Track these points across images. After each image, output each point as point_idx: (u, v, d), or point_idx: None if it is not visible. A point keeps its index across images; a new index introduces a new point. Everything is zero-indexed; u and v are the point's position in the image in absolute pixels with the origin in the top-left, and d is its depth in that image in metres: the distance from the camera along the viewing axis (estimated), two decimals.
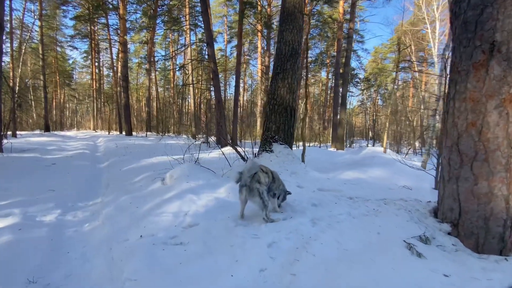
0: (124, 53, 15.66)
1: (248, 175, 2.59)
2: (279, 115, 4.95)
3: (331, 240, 2.15)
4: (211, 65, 10.81)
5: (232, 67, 32.74)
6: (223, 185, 3.85)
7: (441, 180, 2.33)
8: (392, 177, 4.86)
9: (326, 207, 2.95)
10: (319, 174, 4.77)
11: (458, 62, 2.17)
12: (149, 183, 4.24)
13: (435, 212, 2.44)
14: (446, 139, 2.27)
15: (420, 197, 3.62)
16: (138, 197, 3.62)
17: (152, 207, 3.13)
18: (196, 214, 2.84)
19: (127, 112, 15.59)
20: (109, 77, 33.24)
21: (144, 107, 29.82)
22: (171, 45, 28.70)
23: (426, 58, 26.28)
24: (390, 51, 33.98)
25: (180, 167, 4.33)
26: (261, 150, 5.02)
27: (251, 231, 2.40)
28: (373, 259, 1.81)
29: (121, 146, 9.96)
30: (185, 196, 3.32)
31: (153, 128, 22.66)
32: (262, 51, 21.44)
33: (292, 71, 5.04)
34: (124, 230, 2.74)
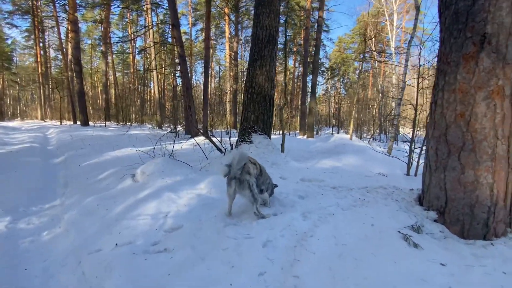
0: (75, 33, 13.88)
1: (238, 167, 2.41)
2: (258, 104, 4.77)
3: (327, 235, 2.09)
4: (178, 49, 10.09)
5: (197, 52, 31.28)
6: (203, 180, 3.60)
7: (426, 170, 2.39)
8: (365, 164, 5.03)
9: (314, 199, 2.90)
10: (298, 164, 4.75)
11: (448, 53, 2.18)
12: (117, 180, 3.82)
13: (420, 200, 2.52)
14: (433, 129, 2.31)
15: (397, 183, 3.77)
16: (107, 197, 3.22)
17: (125, 209, 2.80)
18: (178, 214, 2.59)
19: (82, 99, 14.04)
20: (57, 60, 29.63)
21: (101, 94, 27.33)
22: (129, 26, 26.31)
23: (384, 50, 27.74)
24: (352, 41, 35.30)
25: (153, 161, 3.96)
26: (240, 141, 4.82)
27: (242, 230, 2.24)
28: (374, 254, 1.79)
29: (77, 138, 8.96)
30: (163, 194, 3.03)
31: (113, 117, 20.91)
32: (229, 36, 20.70)
33: (270, 58, 4.85)
34: (94, 238, 2.39)
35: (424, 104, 5.30)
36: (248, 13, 20.70)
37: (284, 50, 6.90)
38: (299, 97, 25.92)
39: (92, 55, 30.44)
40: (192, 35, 28.88)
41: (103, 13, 18.70)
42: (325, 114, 39.46)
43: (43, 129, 14.09)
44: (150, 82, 32.73)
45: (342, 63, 35.73)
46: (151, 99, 29.15)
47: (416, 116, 4.30)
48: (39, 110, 27.00)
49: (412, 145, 4.32)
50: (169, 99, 27.50)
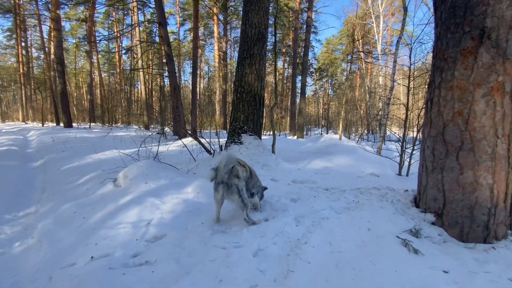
0: (57, 31, 13.31)
1: (225, 171, 2.25)
2: (247, 104, 4.61)
3: (322, 241, 1.96)
4: (165, 48, 9.81)
5: (185, 52, 30.86)
6: (190, 184, 3.41)
7: (423, 170, 2.30)
8: (357, 165, 4.96)
9: (306, 202, 2.77)
10: (289, 165, 4.62)
11: (445, 49, 2.09)
12: (97, 185, 3.57)
13: (416, 201, 2.43)
14: (429, 128, 2.22)
15: (390, 184, 3.71)
16: (85, 204, 2.98)
17: (104, 216, 2.58)
18: (161, 222, 2.40)
19: (65, 100, 13.47)
20: (40, 60, 28.49)
21: (85, 95, 26.45)
22: (115, 25, 25.66)
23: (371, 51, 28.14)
24: (340, 43, 35.72)
25: (136, 164, 3.73)
26: (229, 142, 4.65)
27: (231, 238, 2.08)
28: (373, 262, 1.66)
29: (58, 141, 8.53)
30: (146, 200, 2.82)
31: (98, 118, 20.23)
32: (218, 36, 20.47)
33: (260, 57, 4.71)
34: (69, 250, 2.17)
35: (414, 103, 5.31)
36: (237, 13, 20.55)
37: (274, 50, 6.80)
38: (288, 98, 25.95)
39: (76, 54, 29.49)
40: (181, 35, 28.49)
41: (88, 11, 18.07)
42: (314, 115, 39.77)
43: (23, 131, 13.44)
44: (137, 83, 32.05)
45: (330, 64, 36.09)
46: (138, 99, 28.50)
47: (408, 115, 4.27)
48: (20, 112, 25.85)
49: (403, 144, 4.27)
50: (157, 99, 26.95)
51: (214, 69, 33.26)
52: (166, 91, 19.98)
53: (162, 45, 9.98)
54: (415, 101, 5.54)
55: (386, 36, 27.04)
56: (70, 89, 24.98)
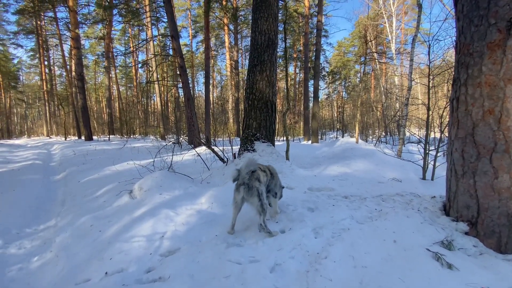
0: (77, 49, 14.03)
1: (246, 171, 2.26)
2: (259, 110, 4.56)
3: (344, 255, 1.82)
4: (178, 60, 10.03)
5: (198, 63, 31.57)
6: (204, 194, 3.37)
7: (452, 175, 2.12)
8: (377, 169, 4.74)
9: (325, 212, 2.64)
10: (305, 172, 4.49)
11: (469, 43, 1.94)
12: (113, 197, 3.60)
13: (446, 209, 2.24)
14: (457, 129, 2.05)
15: (414, 189, 3.49)
16: (101, 217, 3.00)
17: (119, 229, 2.57)
18: (175, 235, 2.35)
19: (85, 114, 14.07)
20: (62, 77, 30.16)
21: (105, 109, 27.57)
22: (131, 41, 26.72)
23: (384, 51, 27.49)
24: (352, 45, 35.27)
25: (151, 176, 3.75)
26: (242, 150, 4.60)
27: (247, 252, 1.99)
28: (402, 279, 1.51)
29: (80, 153, 8.85)
30: (160, 212, 2.80)
31: (117, 130, 20.98)
32: (229, 45, 20.78)
33: (270, 63, 4.67)
34: (84, 265, 2.16)
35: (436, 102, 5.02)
36: (247, 22, 20.82)
37: (285, 55, 6.73)
38: (301, 103, 25.77)
39: (96, 70, 30.90)
40: (193, 46, 29.21)
41: (105, 30, 18.97)
42: (328, 118, 39.17)
43: (47, 145, 14.12)
44: (153, 95, 33.04)
45: (343, 66, 35.64)
46: (155, 111, 29.31)
47: (429, 115, 4.04)
48: (45, 127, 27.32)
49: (426, 147, 4.03)
50: (172, 110, 27.60)
51: (226, 78, 33.80)
52: (181, 101, 20.44)
53: (176, 57, 10.21)
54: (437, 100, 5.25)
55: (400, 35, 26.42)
56: (90, 103, 26.15)
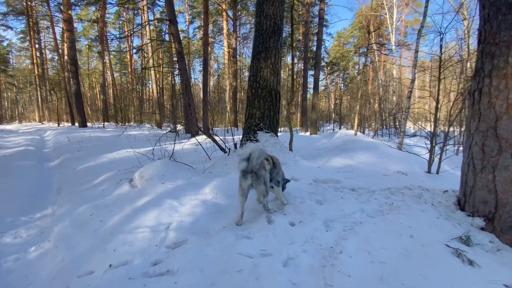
0: (70, 32, 13.48)
1: (257, 162, 2.30)
2: (263, 100, 4.43)
3: (359, 250, 1.77)
4: (176, 46, 9.71)
5: (195, 50, 30.89)
6: (207, 184, 3.28)
7: (469, 169, 2.06)
8: (380, 162, 4.70)
9: (333, 204, 2.58)
10: (308, 163, 4.42)
11: (496, 32, 1.84)
12: (113, 186, 3.49)
13: (460, 204, 2.19)
14: (478, 122, 1.98)
15: (420, 183, 3.45)
16: (101, 206, 2.89)
17: (122, 220, 2.47)
18: (181, 226, 2.27)
19: (79, 100, 13.68)
20: (54, 61, 29.20)
21: (98, 95, 26.93)
22: (126, 25, 25.92)
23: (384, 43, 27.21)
24: (351, 36, 34.83)
25: (152, 164, 3.63)
26: (245, 139, 4.49)
27: (257, 245, 1.92)
28: (424, 276, 1.46)
29: (74, 140, 8.63)
30: (164, 202, 2.70)
31: (111, 117, 20.57)
32: (228, 32, 20.27)
33: (276, 50, 4.50)
34: (86, 256, 2.07)
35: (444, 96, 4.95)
36: (247, 8, 20.27)
37: (291, 43, 6.53)
38: (299, 93, 25.55)
39: (89, 55, 30.03)
40: (190, 32, 28.48)
41: (99, 12, 18.26)
42: (325, 110, 39.07)
43: (40, 131, 13.77)
44: (148, 82, 32.37)
45: (342, 58, 35.29)
46: (150, 98, 28.80)
47: (438, 109, 3.97)
48: (36, 112, 26.61)
49: (433, 140, 3.98)
50: (168, 98, 27.15)
51: (223, 66, 33.21)
52: (177, 89, 20.06)
53: (173, 43, 9.88)
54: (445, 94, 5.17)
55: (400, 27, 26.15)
56: (83, 89, 25.47)
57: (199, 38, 30.95)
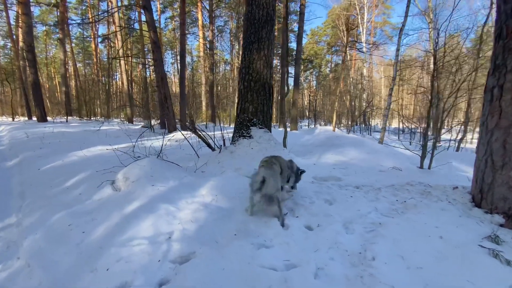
0: (26, 16, 11.91)
1: (273, 185, 2.08)
2: (257, 93, 4.19)
3: (392, 255, 1.64)
4: (151, 34, 9.02)
5: (167, 41, 29.49)
6: (203, 185, 2.99)
7: (486, 166, 2.04)
8: (371, 158, 4.72)
9: (345, 204, 2.45)
10: (303, 160, 4.29)
11: None
12: (92, 189, 3.04)
13: (475, 201, 2.17)
14: (498, 119, 1.95)
15: (417, 178, 3.48)
16: (81, 213, 2.47)
17: (110, 230, 2.11)
18: (185, 235, 1.98)
19: (37, 92, 12.22)
20: (6, 49, 25.95)
21: (59, 87, 24.54)
22: (89, 12, 23.79)
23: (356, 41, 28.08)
24: (324, 34, 35.66)
25: (137, 163, 3.23)
26: (237, 136, 4.22)
27: (279, 254, 1.72)
28: (472, 282, 1.37)
29: (34, 136, 7.65)
30: (158, 207, 2.37)
31: (74, 111, 18.86)
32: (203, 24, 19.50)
33: (269, 41, 4.27)
34: (71, 277, 1.70)
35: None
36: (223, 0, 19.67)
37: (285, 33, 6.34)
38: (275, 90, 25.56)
39: (47, 43, 27.17)
40: (162, 22, 27.04)
41: None
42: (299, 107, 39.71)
43: None
44: (115, 73, 30.25)
45: (315, 55, 36.03)
46: (118, 91, 26.98)
47: (432, 105, 4.05)
48: None
49: (426, 136, 4.06)
50: (139, 91, 25.61)
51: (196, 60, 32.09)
52: (149, 82, 18.92)
53: (148, 32, 9.17)
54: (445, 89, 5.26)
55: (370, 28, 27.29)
56: (41, 80, 23.04)
57: (171, 29, 29.56)
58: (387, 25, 30.47)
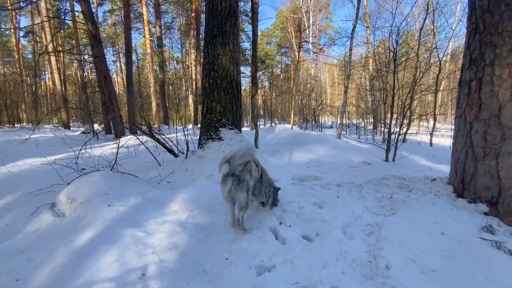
0: None
1: (241, 162, 1.85)
2: (224, 92, 3.85)
3: (403, 260, 1.52)
4: (89, 27, 7.87)
5: (106, 37, 26.85)
6: (173, 199, 2.57)
7: (467, 157, 2.10)
8: (338, 154, 4.79)
9: (336, 206, 2.32)
10: (276, 160, 4.12)
11: (498, 22, 1.87)
12: (24, 217, 2.34)
13: (457, 191, 2.23)
14: (478, 111, 2.01)
15: (388, 171, 3.59)
16: (11, 253, 1.85)
17: (57, 273, 1.58)
18: (164, 269, 1.58)
19: None
20: None
21: None
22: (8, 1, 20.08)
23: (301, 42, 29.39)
24: (274, 36, 36.64)
25: (85, 179, 2.62)
26: (205, 138, 3.82)
27: (285, 277, 1.46)
28: (491, 280, 1.31)
29: None
30: (121, 234, 1.90)
31: None
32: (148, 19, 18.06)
33: (233, 35, 3.97)
34: None
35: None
36: None
37: (253, 23, 6.05)
38: None
39: None
40: (99, 16, 24.40)
41: None
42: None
43: None
44: (43, 73, 26.22)
45: (266, 56, 36.77)
46: (49, 93, 23.49)
47: (394, 101, 4.27)
48: None
49: (390, 130, 4.25)
50: (74, 92, 22.61)
51: (142, 58, 29.77)
52: (88, 80, 16.77)
53: (86, 24, 7.99)
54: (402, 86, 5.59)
55: (315, 31, 28.93)
56: None
57: (110, 24, 26.87)
58: (330, 29, 32.74)
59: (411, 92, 4.20)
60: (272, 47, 36.76)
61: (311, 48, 21.28)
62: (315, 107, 18.72)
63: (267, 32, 36.68)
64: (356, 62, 20.88)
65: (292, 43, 24.64)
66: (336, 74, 32.90)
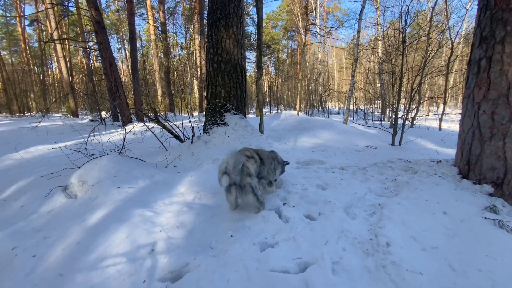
0: None
1: (236, 173, 1.84)
2: (228, 76, 3.83)
3: (404, 237, 1.55)
4: (93, 13, 7.82)
5: (110, 24, 26.63)
6: (180, 181, 2.64)
7: (474, 138, 2.07)
8: (344, 139, 4.78)
9: (339, 188, 2.34)
10: (280, 145, 4.13)
11: None
12: (39, 199, 2.46)
13: (461, 172, 2.22)
14: (486, 91, 1.96)
15: (394, 155, 3.57)
16: (27, 232, 1.95)
17: (72, 250, 1.68)
18: (171, 245, 1.65)
19: None
20: None
21: None
22: None
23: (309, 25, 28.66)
24: (279, 19, 35.62)
25: (95, 163, 2.71)
26: (211, 124, 3.85)
27: (287, 253, 1.51)
28: (492, 256, 1.33)
29: None
30: (131, 213, 1.98)
31: (3, 107, 16.05)
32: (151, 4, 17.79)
33: (237, 18, 3.90)
34: None
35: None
36: None
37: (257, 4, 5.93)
38: None
39: None
40: (103, 2, 24.07)
41: None
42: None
43: None
44: (50, 61, 26.36)
45: (272, 41, 35.94)
46: (56, 81, 23.72)
47: (401, 84, 4.17)
48: None
49: (397, 114, 4.19)
50: (81, 81, 22.76)
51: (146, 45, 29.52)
52: (94, 68, 16.83)
53: (89, 10, 7.93)
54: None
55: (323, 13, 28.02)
56: None
57: (113, 10, 26.54)
58: (338, 11, 31.58)
59: (419, 74, 4.08)
60: (278, 31, 35.85)
61: (318, 31, 20.71)
62: (322, 93, 18.45)
63: (272, 16, 35.69)
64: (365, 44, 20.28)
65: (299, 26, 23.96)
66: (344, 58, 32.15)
